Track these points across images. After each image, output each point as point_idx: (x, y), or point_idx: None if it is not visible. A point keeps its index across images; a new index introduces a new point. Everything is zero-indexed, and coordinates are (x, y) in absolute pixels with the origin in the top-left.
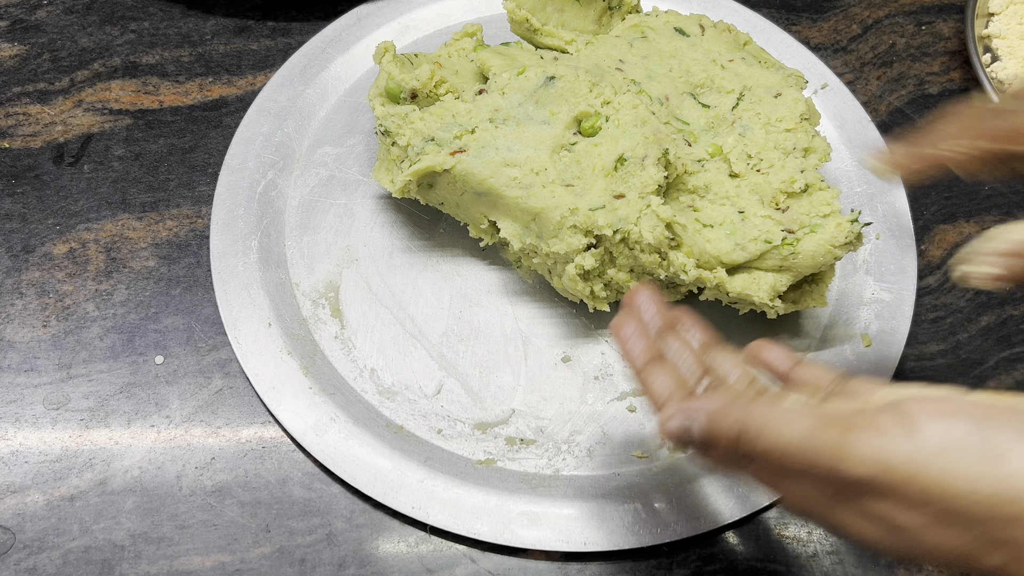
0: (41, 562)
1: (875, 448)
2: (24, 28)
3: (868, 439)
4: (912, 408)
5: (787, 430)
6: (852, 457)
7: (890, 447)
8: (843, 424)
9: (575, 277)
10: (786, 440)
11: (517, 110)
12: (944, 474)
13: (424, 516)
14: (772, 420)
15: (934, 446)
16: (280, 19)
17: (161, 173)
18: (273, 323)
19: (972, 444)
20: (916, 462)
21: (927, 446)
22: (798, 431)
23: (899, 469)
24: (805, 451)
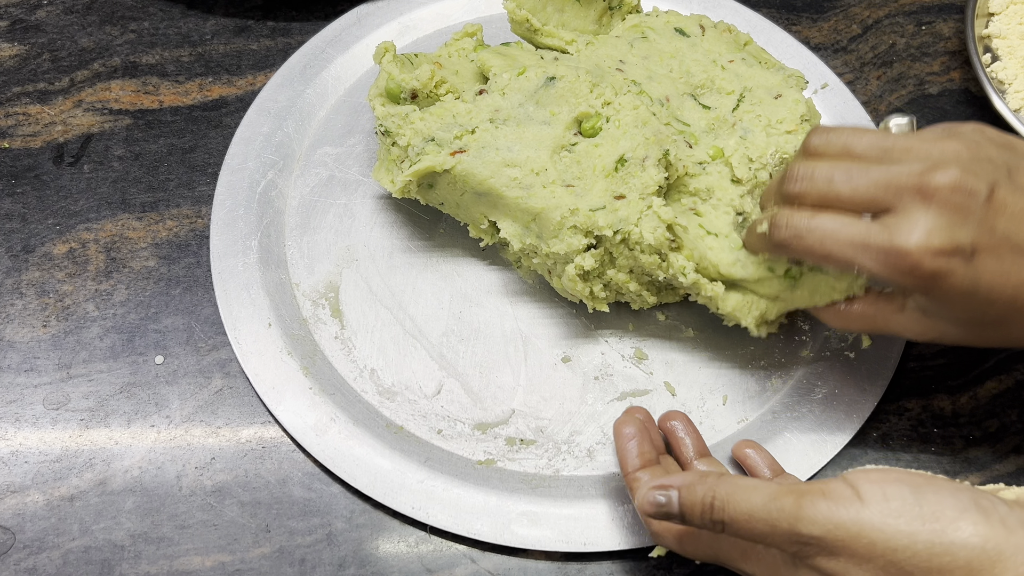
0: (41, 562)
1: (825, 510)
2: (24, 28)
3: (819, 502)
4: (857, 477)
5: (750, 497)
6: (806, 518)
7: (838, 508)
8: (797, 491)
9: (575, 277)
10: (750, 505)
11: (517, 110)
12: (886, 531)
13: (424, 516)
14: (737, 490)
15: (876, 507)
16: (280, 19)
17: (161, 173)
18: (273, 323)
19: (909, 504)
20: (861, 520)
21: (870, 506)
22: (759, 498)
23: (847, 527)
24: (767, 515)
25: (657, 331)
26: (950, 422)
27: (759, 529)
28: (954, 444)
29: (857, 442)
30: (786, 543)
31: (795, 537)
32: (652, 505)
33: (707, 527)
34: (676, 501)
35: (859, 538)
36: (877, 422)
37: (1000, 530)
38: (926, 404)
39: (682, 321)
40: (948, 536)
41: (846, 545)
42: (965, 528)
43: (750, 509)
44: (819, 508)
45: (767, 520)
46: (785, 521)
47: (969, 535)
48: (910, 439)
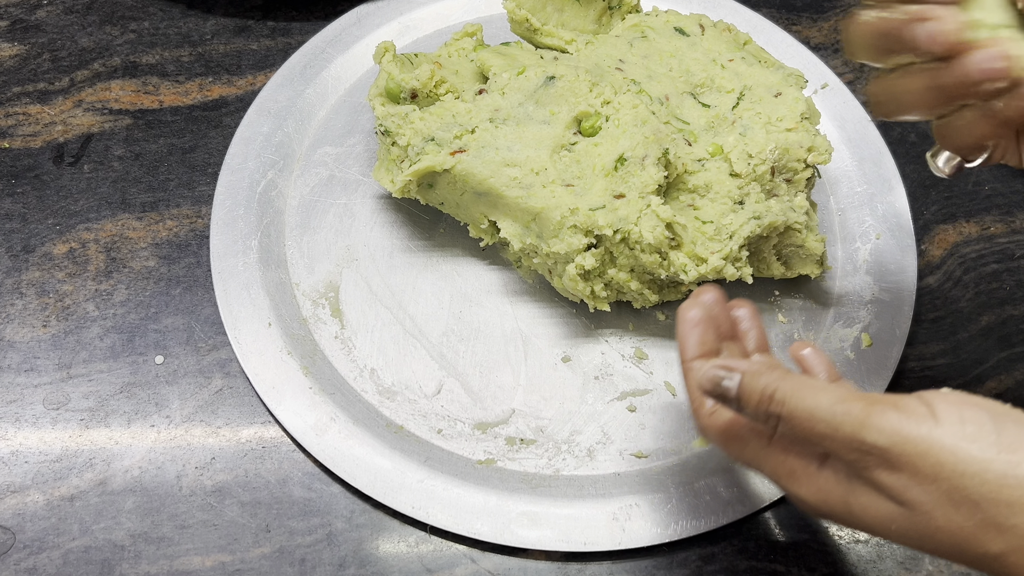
0: (41, 562)
1: (895, 421)
2: (24, 28)
3: (889, 413)
4: (934, 397)
5: (816, 396)
6: (873, 426)
7: (909, 422)
8: (867, 399)
9: (575, 277)
10: (814, 404)
11: (517, 110)
12: (957, 453)
13: (424, 516)
14: (803, 387)
15: (951, 427)
16: (280, 19)
17: (161, 173)
18: (273, 323)
19: (987, 431)
20: (932, 438)
21: (944, 426)
22: (825, 399)
23: (916, 442)
24: (831, 416)
25: (657, 331)
26: None
27: (818, 430)
28: None
29: None
30: (846, 449)
31: (858, 444)
32: (711, 381)
33: (760, 419)
34: (736, 384)
35: (927, 456)
36: None
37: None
38: None
39: None
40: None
41: (911, 461)
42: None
43: (813, 408)
44: (889, 418)
45: (830, 422)
46: (850, 426)
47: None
48: None
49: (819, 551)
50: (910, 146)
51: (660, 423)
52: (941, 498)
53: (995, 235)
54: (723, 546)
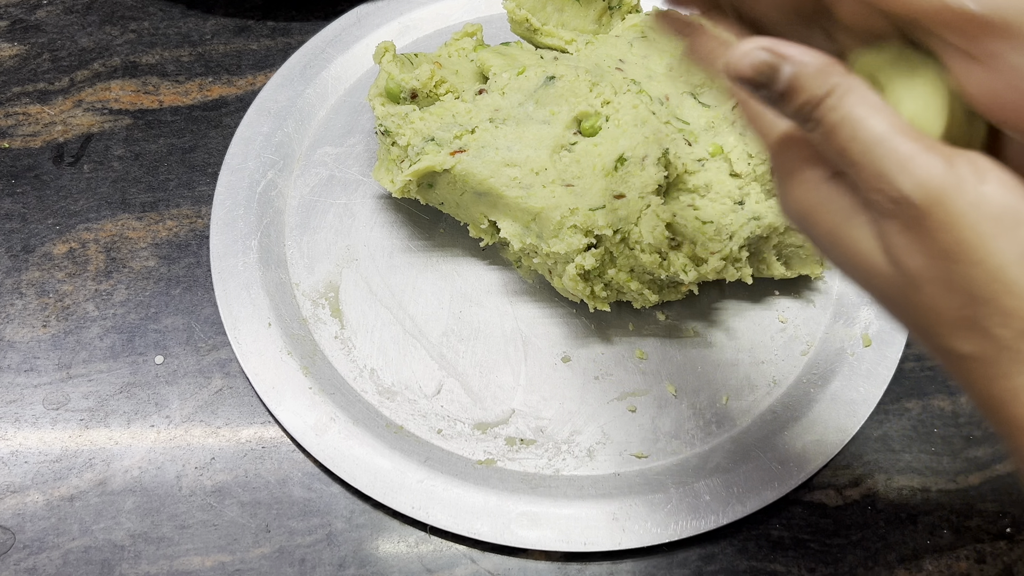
0: (41, 562)
1: (937, 176)
2: (24, 28)
3: (937, 166)
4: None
5: (871, 119)
6: (912, 172)
7: (951, 184)
8: (923, 143)
9: (575, 277)
10: (863, 127)
11: (517, 110)
12: (981, 236)
13: (424, 516)
14: (864, 103)
15: (996, 209)
16: (280, 19)
17: (161, 173)
18: (273, 323)
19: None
20: (965, 210)
21: (983, 204)
22: (878, 126)
23: (946, 207)
24: (875, 147)
25: (657, 331)
26: (950, 422)
27: (853, 151)
28: (954, 444)
29: (857, 442)
30: (873, 185)
31: (887, 185)
32: (751, 66)
33: (799, 119)
34: (787, 74)
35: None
36: (877, 422)
37: None
38: (926, 404)
39: (682, 321)
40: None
41: (931, 223)
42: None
43: (862, 130)
44: (931, 170)
45: (873, 149)
46: (888, 163)
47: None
48: (910, 439)
49: (819, 551)
50: None
51: (660, 423)
52: (940, 276)
53: None
54: (723, 546)
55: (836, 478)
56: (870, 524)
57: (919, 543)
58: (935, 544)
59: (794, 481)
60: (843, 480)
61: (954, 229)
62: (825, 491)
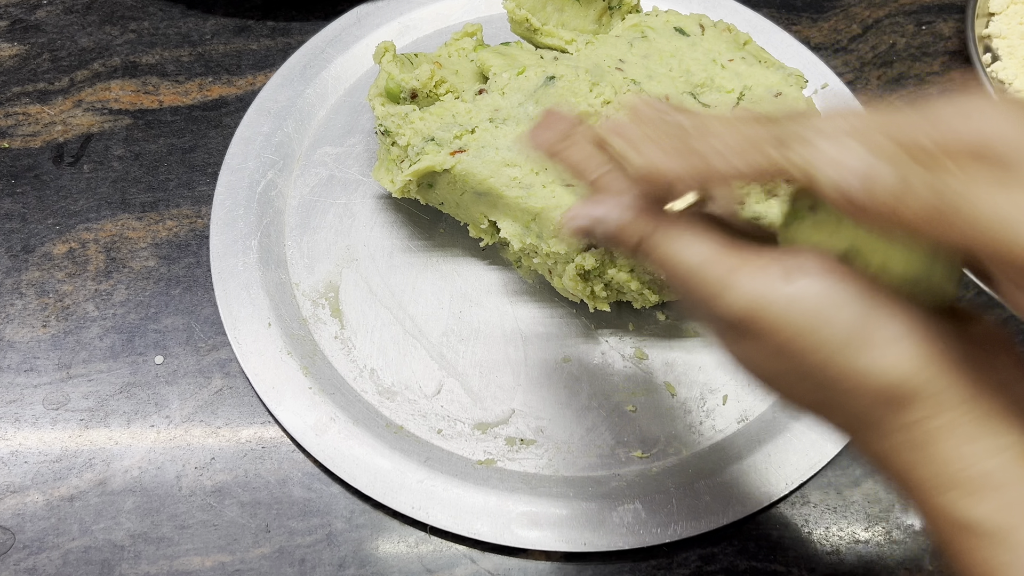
0: (41, 562)
1: (753, 290)
2: (24, 28)
3: (750, 280)
4: (806, 261)
5: (683, 253)
6: (730, 295)
7: (767, 295)
8: (735, 260)
9: (575, 277)
10: (679, 262)
11: (517, 110)
12: (807, 338)
13: (424, 516)
14: (671, 238)
15: (809, 304)
16: (280, 19)
17: (161, 173)
18: (273, 323)
19: (845, 317)
20: (786, 314)
21: (802, 301)
22: (692, 257)
23: (769, 316)
24: (693, 277)
25: (657, 331)
26: None
27: (679, 280)
28: None
29: None
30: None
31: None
32: (575, 229)
33: (635, 257)
34: (603, 230)
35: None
36: None
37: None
38: None
39: (682, 321)
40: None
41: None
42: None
43: (678, 265)
44: (746, 286)
45: (692, 283)
46: (710, 290)
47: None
48: None
49: (819, 551)
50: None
51: (660, 423)
52: (792, 371)
53: None
54: (723, 546)
55: (836, 478)
56: (870, 524)
57: (919, 543)
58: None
59: (794, 481)
60: (843, 480)
61: (778, 332)
62: (825, 491)
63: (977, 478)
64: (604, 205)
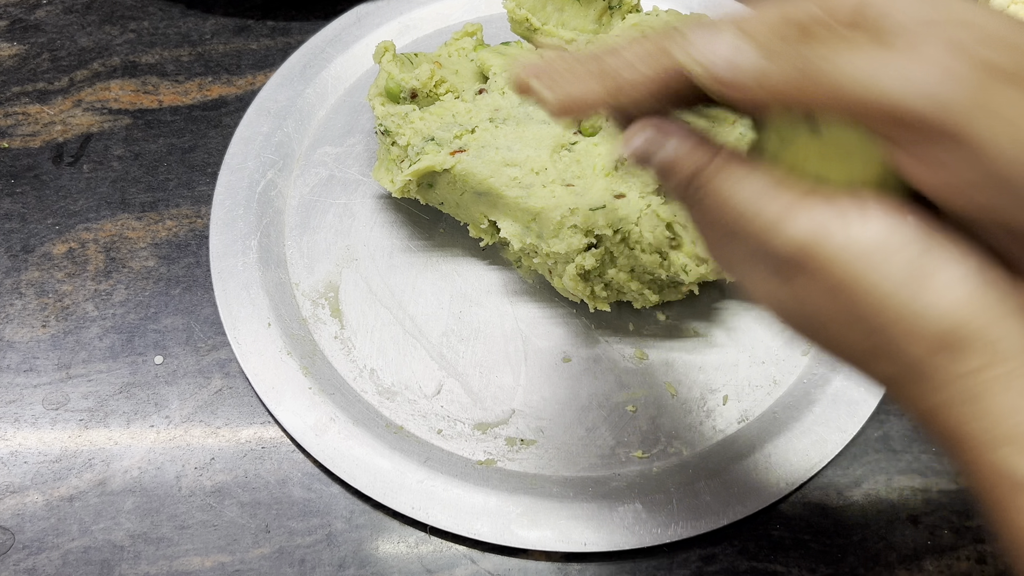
0: (40, 562)
1: (813, 222)
2: (23, 28)
3: (808, 214)
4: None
5: (738, 186)
6: (789, 228)
7: (826, 231)
8: (792, 195)
9: (575, 277)
10: (732, 195)
11: (517, 109)
12: (864, 278)
13: (424, 516)
14: (727, 172)
15: (867, 244)
16: (280, 19)
17: (160, 173)
18: (273, 323)
19: (905, 256)
20: (845, 250)
21: (861, 241)
22: (747, 190)
23: (827, 251)
24: (747, 211)
25: (657, 331)
26: None
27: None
28: None
29: (857, 442)
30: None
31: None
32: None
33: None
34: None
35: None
36: (877, 422)
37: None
38: None
39: (682, 321)
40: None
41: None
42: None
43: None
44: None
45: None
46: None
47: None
48: (910, 439)
49: (819, 551)
50: None
51: (660, 423)
52: (838, 313)
53: None
54: (723, 547)
55: (836, 478)
56: (870, 524)
57: (919, 543)
58: (936, 544)
59: (795, 481)
60: (843, 480)
61: (832, 272)
62: (825, 491)
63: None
64: (662, 130)
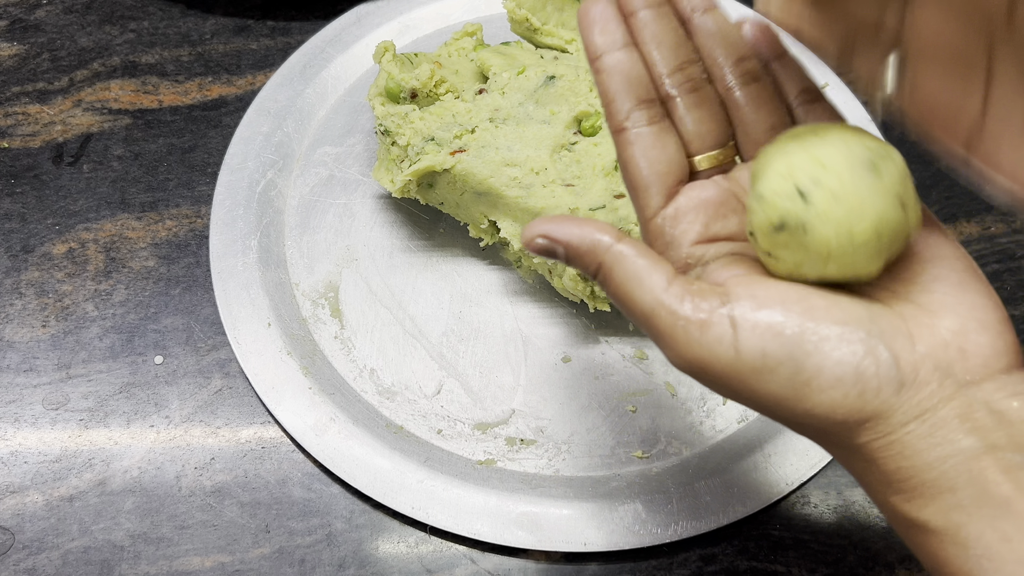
0: (40, 562)
1: (700, 346)
2: (23, 28)
3: (696, 335)
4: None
5: (637, 291)
6: (679, 345)
7: (714, 350)
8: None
9: (575, 277)
10: (634, 299)
11: (517, 110)
12: (755, 387)
13: (424, 516)
14: (630, 274)
15: (749, 362)
16: (280, 19)
17: (160, 173)
18: (273, 323)
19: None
20: (731, 370)
21: (744, 360)
22: (647, 298)
23: (718, 371)
24: (646, 318)
25: None
26: None
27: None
28: None
29: None
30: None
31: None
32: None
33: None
34: (562, 252)
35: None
36: None
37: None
38: None
39: None
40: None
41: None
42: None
43: (632, 302)
44: (692, 342)
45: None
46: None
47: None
48: None
49: (819, 551)
50: (910, 146)
51: (660, 423)
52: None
53: (996, 235)
54: (723, 547)
55: (837, 478)
56: (870, 524)
57: None
58: None
59: (795, 481)
60: (844, 480)
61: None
62: (825, 491)
63: (919, 487)
64: (570, 226)
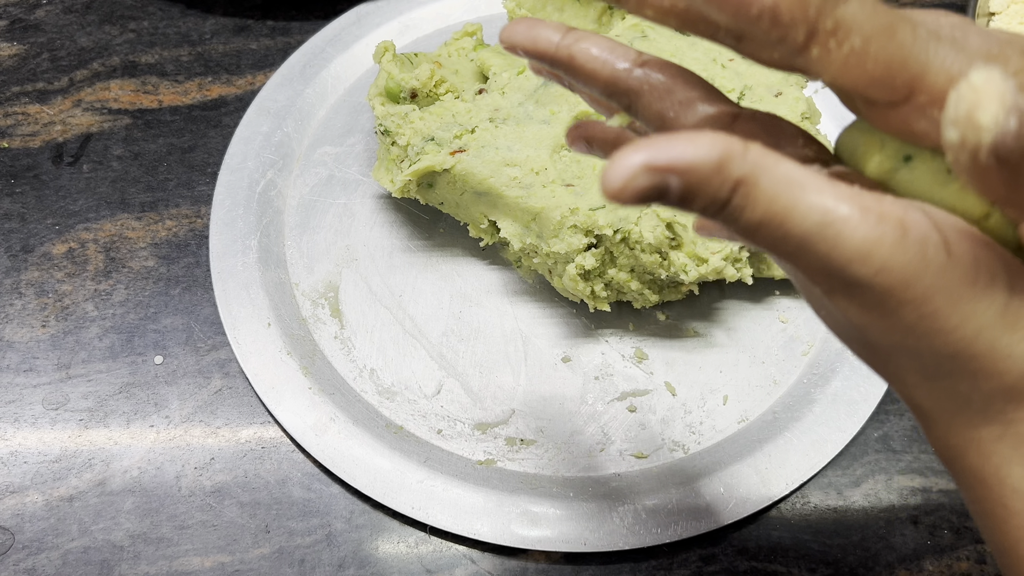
0: (40, 563)
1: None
2: (23, 27)
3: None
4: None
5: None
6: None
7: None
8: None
9: (576, 277)
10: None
11: (517, 109)
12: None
13: (424, 516)
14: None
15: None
16: (280, 18)
17: (160, 173)
18: (272, 323)
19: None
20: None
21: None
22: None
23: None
24: (811, 235)
25: (657, 331)
26: None
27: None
28: None
29: (857, 442)
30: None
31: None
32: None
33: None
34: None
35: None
36: (877, 422)
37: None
38: None
39: (682, 321)
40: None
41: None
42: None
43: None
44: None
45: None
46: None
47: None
48: (910, 439)
49: (819, 551)
50: None
51: (660, 423)
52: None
53: None
54: (723, 547)
55: (836, 478)
56: (870, 524)
57: (919, 543)
58: (936, 544)
59: (794, 481)
60: (844, 480)
61: (922, 305)
62: (825, 491)
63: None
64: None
